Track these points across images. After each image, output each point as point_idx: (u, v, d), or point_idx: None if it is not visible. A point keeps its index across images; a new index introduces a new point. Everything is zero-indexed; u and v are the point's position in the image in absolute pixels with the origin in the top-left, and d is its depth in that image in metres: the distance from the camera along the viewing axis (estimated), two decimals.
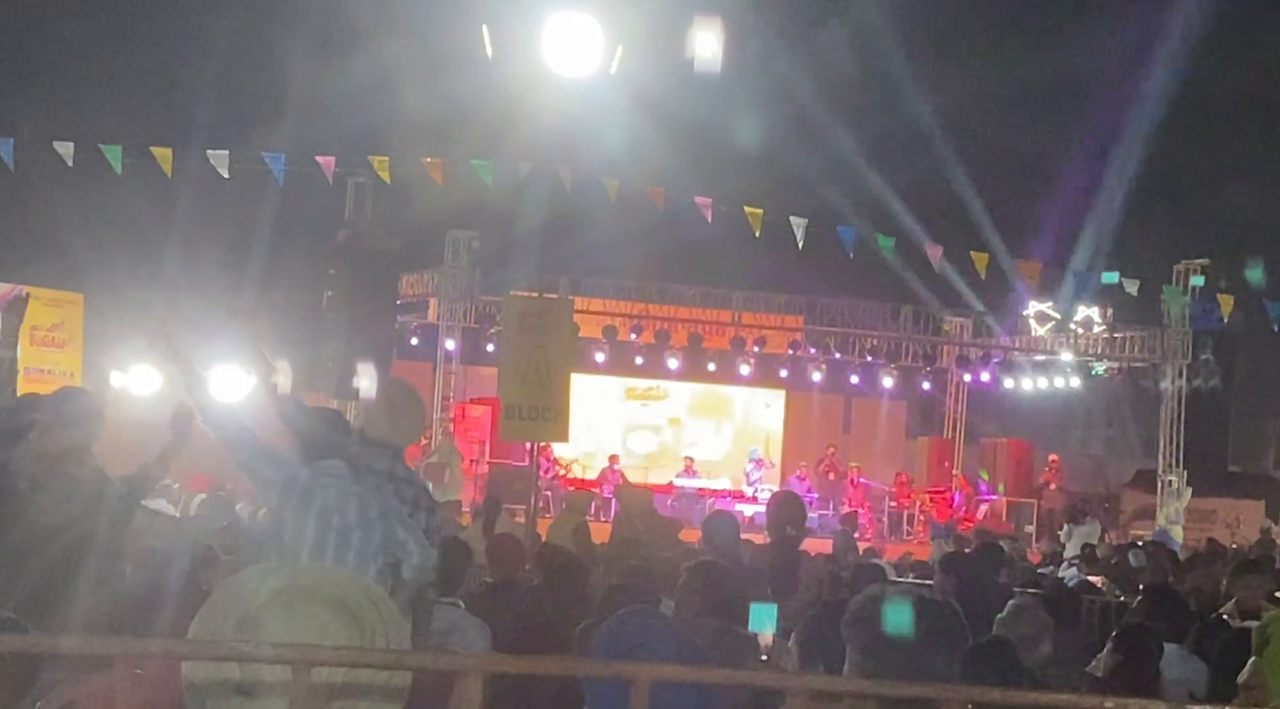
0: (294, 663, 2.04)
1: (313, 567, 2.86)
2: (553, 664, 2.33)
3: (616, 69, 17.63)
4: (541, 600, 8.67)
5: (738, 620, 6.64)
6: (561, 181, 24.77)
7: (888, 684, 2.10)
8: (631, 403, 33.75)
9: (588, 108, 18.79)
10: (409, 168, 25.83)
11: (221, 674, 2.25)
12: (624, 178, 26.82)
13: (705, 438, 33.79)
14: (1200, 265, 31.33)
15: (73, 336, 24.20)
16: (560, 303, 17.62)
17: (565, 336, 16.01)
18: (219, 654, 2.22)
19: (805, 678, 3.20)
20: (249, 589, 2.34)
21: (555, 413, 15.25)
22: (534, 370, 15.12)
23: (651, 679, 2.09)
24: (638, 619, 3.00)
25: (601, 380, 31.70)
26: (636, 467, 31.49)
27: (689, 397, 33.93)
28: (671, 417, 33.98)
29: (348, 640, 2.29)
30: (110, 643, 2.02)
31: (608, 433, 32.86)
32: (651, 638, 2.87)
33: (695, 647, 2.91)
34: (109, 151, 23.24)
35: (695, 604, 6.84)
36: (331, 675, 2.23)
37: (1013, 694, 2.02)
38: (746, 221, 26.62)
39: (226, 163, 24.13)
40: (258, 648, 2.15)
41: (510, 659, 2.42)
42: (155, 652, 2.24)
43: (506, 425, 15.96)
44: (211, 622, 2.32)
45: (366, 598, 2.38)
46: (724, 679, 2.07)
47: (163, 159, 23.42)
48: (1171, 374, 31.73)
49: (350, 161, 26.23)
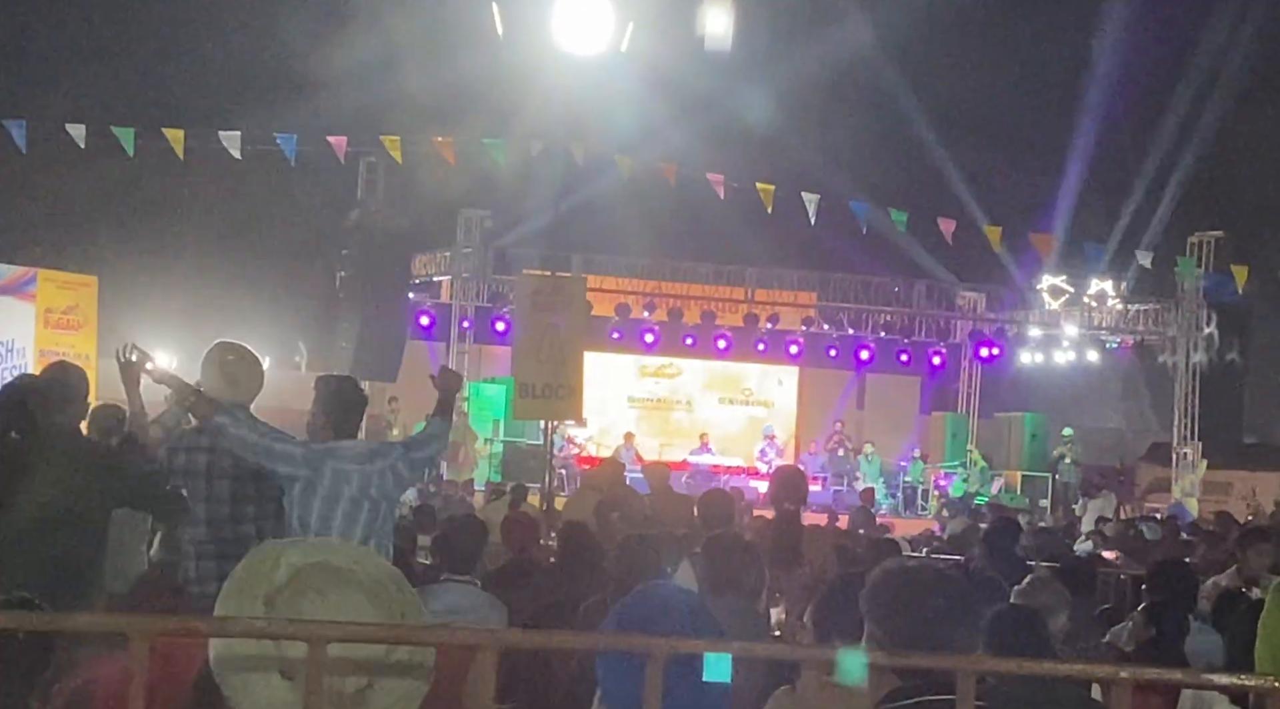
0: (309, 639, 2.05)
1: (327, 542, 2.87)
2: (566, 639, 2.33)
3: (627, 47, 17.61)
4: (558, 578, 8.68)
5: (750, 596, 6.66)
6: (573, 160, 24.72)
7: (904, 658, 2.10)
8: (645, 380, 33.74)
9: (599, 86, 18.77)
10: (420, 147, 25.82)
11: (250, 650, 2.26)
12: (636, 155, 26.80)
13: (719, 415, 33.78)
14: (1215, 238, 31.25)
15: (87, 319, 24.19)
16: (573, 281, 17.67)
17: (578, 315, 16.05)
18: (238, 632, 2.23)
19: (818, 651, 3.20)
20: (268, 566, 2.35)
21: (569, 391, 15.29)
22: (547, 349, 15.16)
23: (668, 652, 2.09)
24: (652, 594, 3.00)
25: (615, 358, 31.69)
26: (651, 444, 31.50)
27: (702, 374, 33.91)
28: (685, 394, 33.97)
29: (375, 619, 2.30)
30: (127, 621, 2.03)
31: (621, 411, 32.87)
32: (667, 613, 2.87)
33: (714, 621, 2.90)
34: (121, 133, 23.24)
35: (709, 579, 6.87)
36: (373, 652, 2.25)
37: (1028, 664, 2.02)
38: (759, 198, 26.58)
39: (238, 143, 24.13)
40: (274, 624, 2.15)
41: (525, 634, 2.43)
42: (172, 631, 2.25)
43: (520, 404, 16.00)
44: (239, 599, 2.32)
45: (386, 574, 2.39)
46: (742, 652, 2.07)
47: (175, 140, 23.43)
48: (1186, 347, 31.67)
49: (362, 141, 26.22)
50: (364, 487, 6.83)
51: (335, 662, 2.11)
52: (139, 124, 23.76)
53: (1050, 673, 1.99)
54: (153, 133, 23.56)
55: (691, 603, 2.99)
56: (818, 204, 26.85)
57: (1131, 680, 2.04)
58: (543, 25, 17.03)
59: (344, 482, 6.80)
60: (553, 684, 5.69)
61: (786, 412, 34.23)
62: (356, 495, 6.81)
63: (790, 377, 34.41)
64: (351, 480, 6.82)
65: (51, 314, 23.76)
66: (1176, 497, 30.06)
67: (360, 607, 2.29)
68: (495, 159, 25.91)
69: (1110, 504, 26.57)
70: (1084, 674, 2.30)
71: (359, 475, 6.84)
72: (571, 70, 17.33)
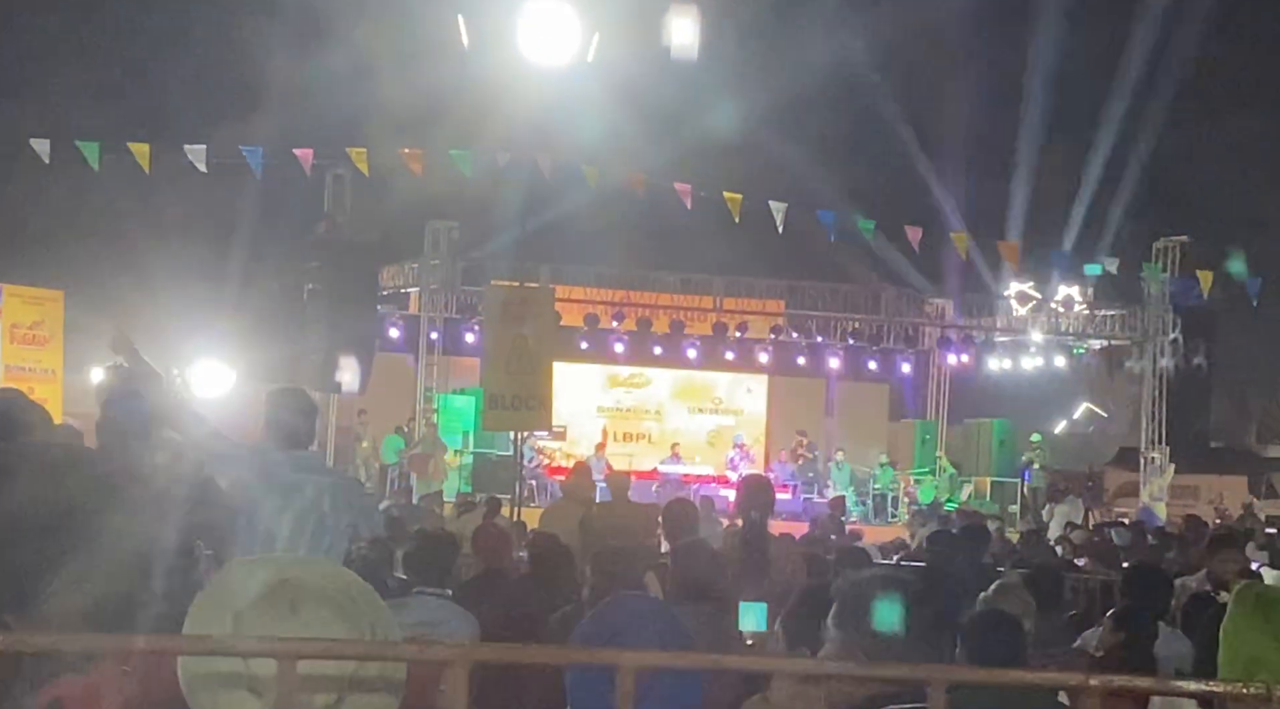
0: (279, 656, 2.04)
1: (299, 559, 2.87)
2: (538, 653, 2.33)
3: (594, 57, 17.63)
4: (529, 590, 8.69)
5: (719, 602, 6.68)
6: (540, 170, 24.76)
7: (874, 666, 2.11)
8: (614, 390, 33.76)
9: (565, 96, 18.80)
10: (387, 159, 25.79)
11: (220, 668, 2.25)
12: (603, 165, 26.80)
13: (688, 424, 33.81)
14: (1180, 242, 31.42)
15: (53, 334, 24.10)
16: (541, 292, 17.66)
17: (547, 325, 16.04)
18: (205, 649, 2.22)
19: (793, 661, 3.20)
20: (239, 583, 2.34)
21: (538, 402, 15.28)
22: (516, 360, 15.14)
23: (636, 665, 2.09)
24: (621, 606, 3.00)
25: (584, 368, 31.71)
26: (621, 454, 31.50)
27: (672, 383, 33.94)
28: (655, 403, 33.99)
29: (346, 635, 2.29)
30: (97, 640, 2.02)
31: (591, 421, 32.87)
32: (635, 624, 2.87)
33: (683, 631, 2.90)
34: (86, 148, 23.16)
35: (680, 586, 6.89)
36: (340, 669, 2.24)
37: (997, 674, 2.03)
38: (726, 207, 26.63)
39: (204, 157, 24.06)
40: (242, 642, 2.15)
41: (495, 648, 2.42)
42: (141, 649, 2.24)
43: (490, 415, 15.99)
44: (207, 616, 2.32)
45: (357, 590, 2.39)
46: (711, 664, 2.07)
47: (140, 155, 23.35)
48: (1153, 352, 31.81)
49: (328, 154, 26.18)
50: (316, 499, 6.85)
51: (304, 679, 2.11)
52: (104, 138, 23.69)
53: (1019, 683, 2.00)
54: (118, 147, 23.48)
55: (659, 613, 2.99)
56: (785, 213, 26.91)
57: (1100, 688, 2.05)
58: (508, 36, 17.05)
59: (297, 491, 6.82)
60: (525, 694, 5.69)
61: (756, 420, 34.27)
62: (307, 507, 6.82)
63: (759, 385, 34.46)
64: (305, 491, 6.84)
65: (18, 329, 23.66)
66: (1144, 501, 30.18)
67: (329, 623, 2.28)
68: (463, 170, 25.88)
69: (1078, 509, 26.70)
70: (1053, 683, 2.31)
71: (312, 486, 6.86)
72: (538, 81, 17.35)
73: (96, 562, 6.66)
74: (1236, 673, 3.04)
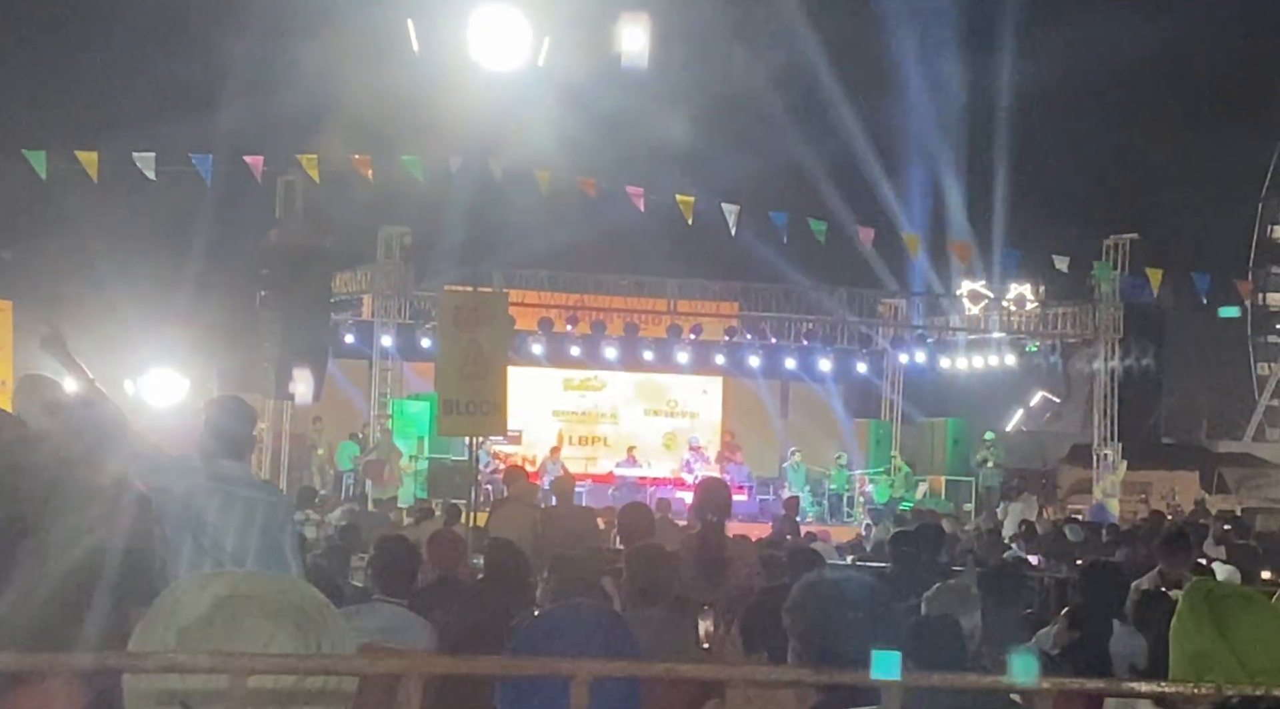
0: (230, 672, 2.02)
1: (255, 573, 2.85)
2: (492, 664, 2.32)
3: (544, 61, 17.59)
4: (486, 596, 8.66)
5: (674, 606, 6.68)
6: (492, 174, 24.68)
7: (828, 672, 2.10)
8: (570, 394, 33.72)
9: (516, 100, 18.73)
10: (338, 165, 25.69)
11: (164, 685, 2.23)
12: (555, 169, 26.78)
13: (644, 426, 33.81)
14: (1129, 240, 31.62)
15: (1, 344, 23.90)
16: (494, 297, 17.61)
17: (500, 330, 16.00)
18: (155, 666, 2.20)
19: (746, 670, 3.20)
20: (190, 598, 2.32)
21: (493, 406, 15.24)
22: (470, 365, 15.10)
23: (590, 675, 2.08)
24: (565, 613, 2.98)
25: (539, 372, 31.67)
26: (577, 457, 31.48)
27: (627, 386, 33.93)
28: (610, 406, 33.98)
29: (292, 649, 2.27)
30: (41, 659, 1.99)
31: (547, 425, 32.83)
32: (580, 631, 2.85)
33: (630, 638, 2.88)
34: (33, 157, 22.99)
35: (636, 590, 6.89)
36: (279, 683, 2.22)
37: (951, 678, 2.03)
38: (679, 210, 26.66)
39: (153, 165, 23.91)
40: (193, 659, 2.12)
41: (448, 660, 2.41)
42: (88, 666, 2.22)
43: (445, 421, 15.93)
44: (152, 632, 2.29)
45: (311, 603, 2.36)
46: (663, 673, 2.07)
47: (88, 163, 23.18)
48: (1104, 349, 32.00)
49: (279, 160, 26.06)
50: (250, 511, 6.84)
51: (247, 693, 2.08)
52: (51, 146, 23.52)
53: (975, 686, 2.00)
54: (65, 155, 23.31)
55: (605, 619, 2.97)
56: (738, 215, 26.96)
57: (1054, 690, 2.06)
58: (458, 41, 16.98)
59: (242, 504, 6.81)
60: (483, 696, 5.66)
61: (711, 422, 34.29)
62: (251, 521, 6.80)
63: (714, 386, 34.49)
64: (250, 506, 6.83)
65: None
66: (1098, 498, 30.36)
67: (274, 636, 2.26)
68: (414, 175, 25.81)
69: (1031, 507, 26.85)
70: (1007, 688, 2.32)
71: (243, 502, 6.85)
72: (488, 85, 17.29)
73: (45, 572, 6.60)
74: (1186, 671, 3.06)
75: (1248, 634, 3.14)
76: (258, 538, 6.79)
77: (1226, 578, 12.21)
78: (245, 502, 6.84)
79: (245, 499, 6.85)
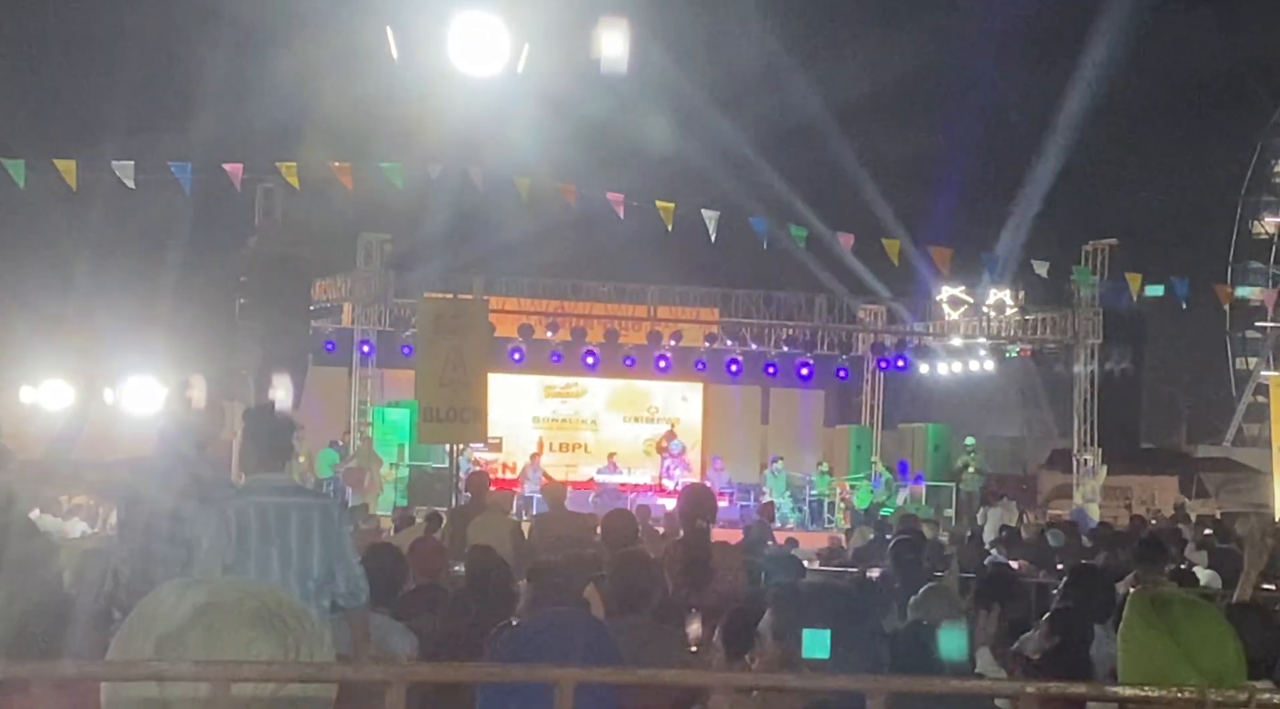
0: (212, 680, 2.02)
1: (233, 581, 2.84)
2: (475, 671, 2.31)
3: (524, 68, 17.58)
4: (468, 604, 8.64)
5: (658, 613, 6.67)
6: (472, 181, 24.69)
7: (812, 678, 2.10)
8: (550, 400, 33.70)
9: (496, 107, 18.76)
10: (318, 172, 25.63)
11: (142, 694, 2.22)
12: (535, 176, 26.77)
13: (624, 433, 33.79)
14: (1108, 245, 31.70)
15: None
16: (474, 304, 17.59)
17: (481, 337, 15.99)
18: (136, 674, 2.19)
19: (730, 675, 3.20)
20: (169, 606, 2.31)
21: (473, 414, 15.22)
22: (450, 372, 15.08)
23: (575, 681, 2.08)
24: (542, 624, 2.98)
25: (519, 379, 31.64)
26: (558, 464, 31.46)
27: (607, 392, 33.92)
28: (590, 413, 33.96)
29: (271, 656, 2.26)
30: (21, 667, 1.98)
31: (527, 432, 32.81)
32: (562, 638, 2.86)
33: (611, 645, 2.89)
34: (12, 166, 22.90)
35: (619, 597, 6.88)
36: (258, 690, 2.21)
37: (933, 682, 2.03)
38: (659, 216, 26.66)
39: (132, 173, 23.84)
40: (175, 667, 2.12)
41: (431, 667, 2.41)
42: (70, 674, 2.21)
43: (425, 428, 15.91)
44: (131, 641, 2.28)
45: (288, 610, 2.36)
46: (647, 679, 2.07)
47: (66, 172, 23.11)
48: (1083, 354, 32.07)
49: (258, 168, 25.99)
50: (305, 518, 6.81)
51: (223, 701, 2.08)
52: (29, 155, 23.44)
53: (959, 691, 2.00)
54: (43, 164, 23.23)
55: (587, 626, 2.98)
56: (718, 221, 26.97)
57: (1036, 695, 2.06)
58: (438, 47, 16.98)
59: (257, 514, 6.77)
60: (464, 704, 5.66)
61: (692, 428, 34.29)
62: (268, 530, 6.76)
63: (695, 393, 34.50)
64: (304, 512, 6.81)
65: None
66: (1078, 502, 30.42)
67: (253, 643, 2.25)
68: (394, 182, 25.77)
69: (1012, 512, 26.86)
70: (991, 691, 2.32)
71: (298, 510, 6.82)
72: (468, 92, 17.30)
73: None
74: (1138, 674, 3.14)
75: (1196, 637, 3.31)
76: (319, 543, 6.78)
77: (1207, 582, 12.26)
78: (299, 509, 6.83)
79: (298, 506, 6.85)
